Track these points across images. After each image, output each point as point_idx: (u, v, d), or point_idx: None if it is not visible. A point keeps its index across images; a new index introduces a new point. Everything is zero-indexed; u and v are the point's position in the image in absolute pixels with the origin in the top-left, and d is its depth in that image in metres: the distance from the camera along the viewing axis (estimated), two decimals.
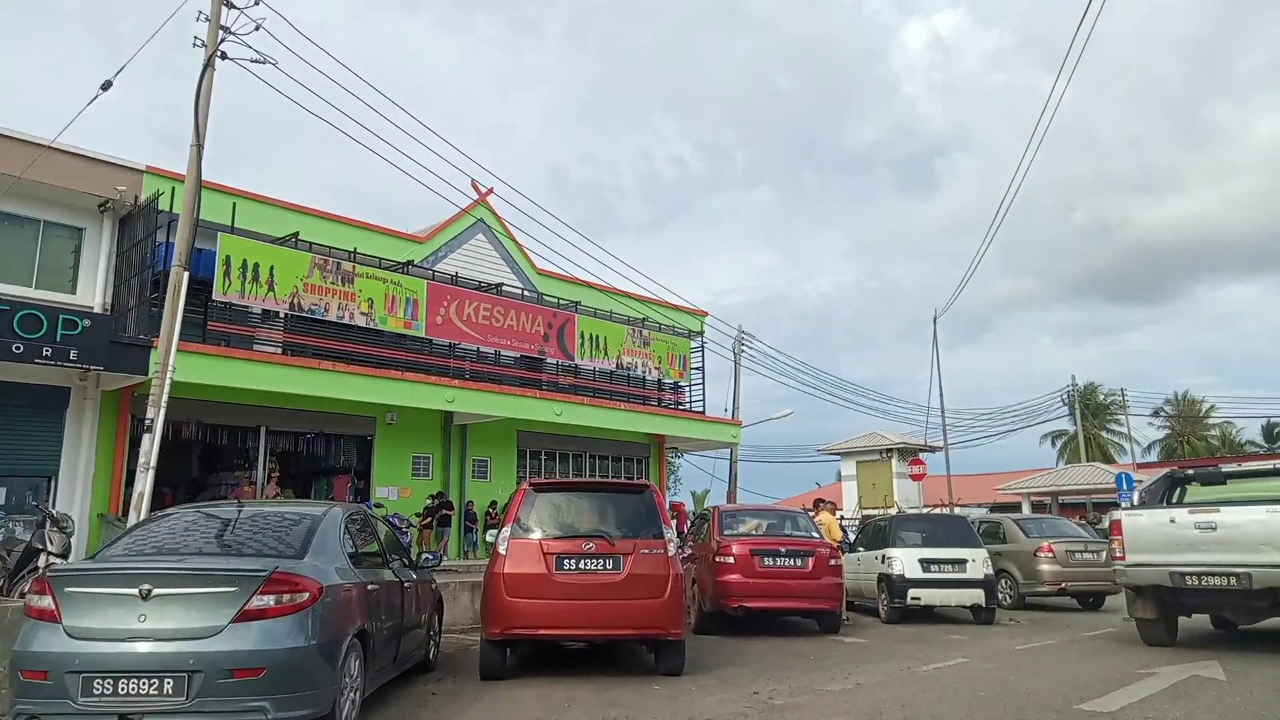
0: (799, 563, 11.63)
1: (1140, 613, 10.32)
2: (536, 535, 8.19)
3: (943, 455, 33.40)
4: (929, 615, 14.27)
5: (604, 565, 8.06)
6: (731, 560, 11.51)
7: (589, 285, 23.13)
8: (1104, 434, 58.66)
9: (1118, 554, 10.17)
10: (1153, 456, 57.75)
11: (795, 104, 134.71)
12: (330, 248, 18.08)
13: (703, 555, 12.26)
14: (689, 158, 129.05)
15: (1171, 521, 9.63)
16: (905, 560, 13.42)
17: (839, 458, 38.80)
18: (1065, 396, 58.53)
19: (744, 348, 30.27)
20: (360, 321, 18.07)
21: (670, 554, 8.24)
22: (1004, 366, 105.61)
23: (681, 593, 8.22)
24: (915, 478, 30.23)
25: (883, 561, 13.73)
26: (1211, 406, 61.07)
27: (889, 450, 36.53)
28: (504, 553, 8.09)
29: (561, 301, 22.43)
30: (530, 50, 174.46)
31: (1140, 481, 34.60)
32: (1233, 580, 9.12)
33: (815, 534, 12.45)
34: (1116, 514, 10.49)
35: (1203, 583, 9.36)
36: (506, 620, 7.90)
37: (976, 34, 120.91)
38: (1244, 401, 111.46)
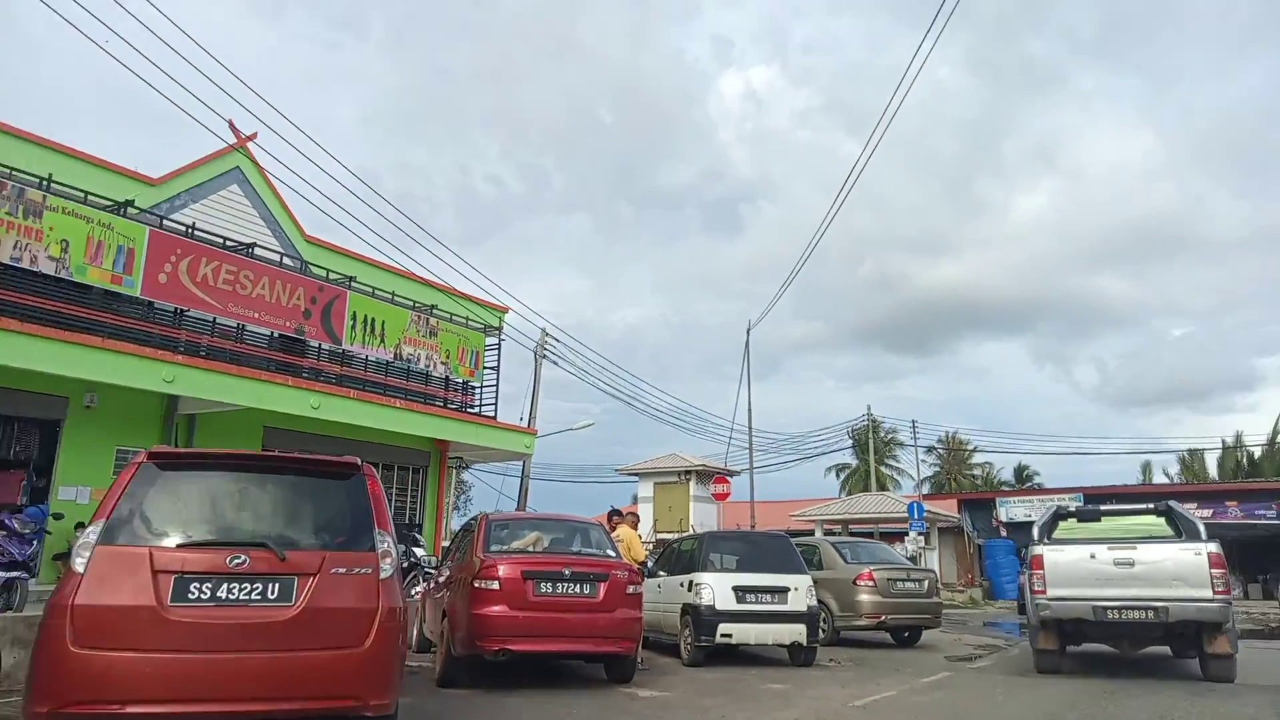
0: (587, 590, 8.49)
1: (1043, 644, 10.33)
2: (144, 541, 4.76)
3: (745, 478, 31.62)
4: (738, 656, 11.64)
5: (263, 593, 4.75)
6: (496, 586, 8.22)
7: (369, 262, 19.41)
8: (883, 468, 60.18)
9: (1038, 588, 10.08)
10: (926, 489, 59.67)
11: (616, 136, 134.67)
12: (12, 169, 13.57)
13: (460, 579, 8.92)
14: (507, 178, 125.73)
15: (1092, 557, 9.81)
16: (717, 588, 10.71)
17: (637, 479, 36.36)
18: (851, 431, 59.51)
19: (546, 350, 27.22)
20: (47, 268, 13.62)
21: (383, 576, 5.05)
22: (792, 404, 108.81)
23: (394, 638, 5.01)
24: (719, 497, 28.08)
25: (689, 589, 10.96)
26: (975, 448, 64.13)
27: (688, 472, 34.47)
28: (80, 571, 4.59)
29: (332, 275, 18.54)
30: (349, 50, 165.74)
31: (930, 511, 34.34)
32: (1150, 614, 9.45)
33: (611, 553, 9.44)
34: (1037, 549, 10.35)
35: (1123, 615, 9.57)
36: (62, 691, 4.37)
37: (787, 91, 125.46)
38: (999, 445, 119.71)
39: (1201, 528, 10.50)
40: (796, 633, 10.76)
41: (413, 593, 12.41)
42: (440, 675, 8.58)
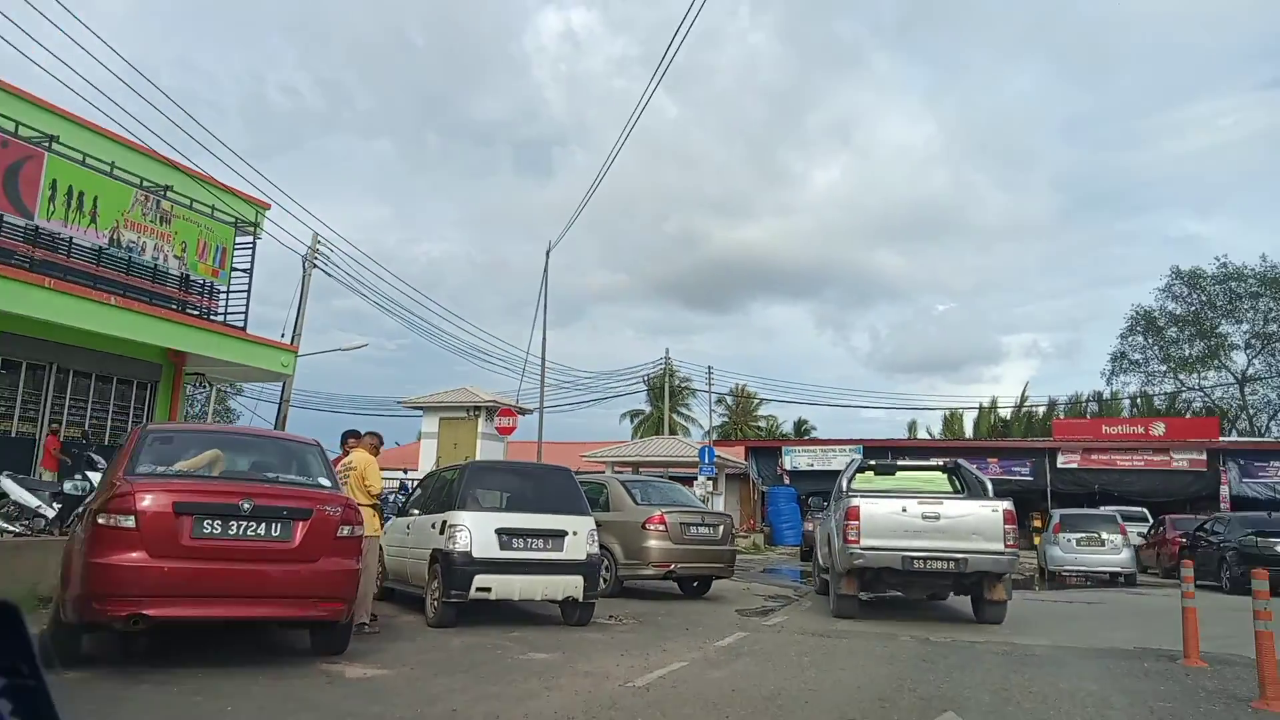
0: (277, 531, 5.91)
1: (845, 590, 10.48)
2: None
3: (536, 418, 29.42)
4: (499, 613, 9.44)
5: None
6: (131, 523, 5.47)
7: (82, 123, 15.28)
8: (676, 416, 60.22)
9: (852, 537, 10.10)
10: (715, 438, 60.39)
11: (426, 61, 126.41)
12: None
13: (87, 515, 6.02)
14: (305, 91, 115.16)
15: (903, 511, 10.05)
16: (475, 530, 8.39)
17: (421, 413, 33.31)
18: (647, 379, 58.90)
19: (318, 259, 23.58)
20: None
21: None
22: (592, 351, 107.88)
23: None
24: (502, 430, 25.70)
25: (441, 531, 8.57)
26: (761, 400, 65.59)
27: (478, 408, 31.85)
28: None
29: (24, 129, 14.33)
30: None
31: (720, 456, 33.69)
32: (952, 564, 9.87)
33: (325, 482, 6.79)
34: (855, 501, 10.36)
35: (928, 565, 9.92)
36: None
37: (606, 37, 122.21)
38: (783, 398, 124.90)
39: (989, 485, 11.65)
40: (572, 586, 8.67)
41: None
42: (45, 656, 5.77)
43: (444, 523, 8.54)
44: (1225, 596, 16.38)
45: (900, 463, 13.19)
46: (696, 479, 28.56)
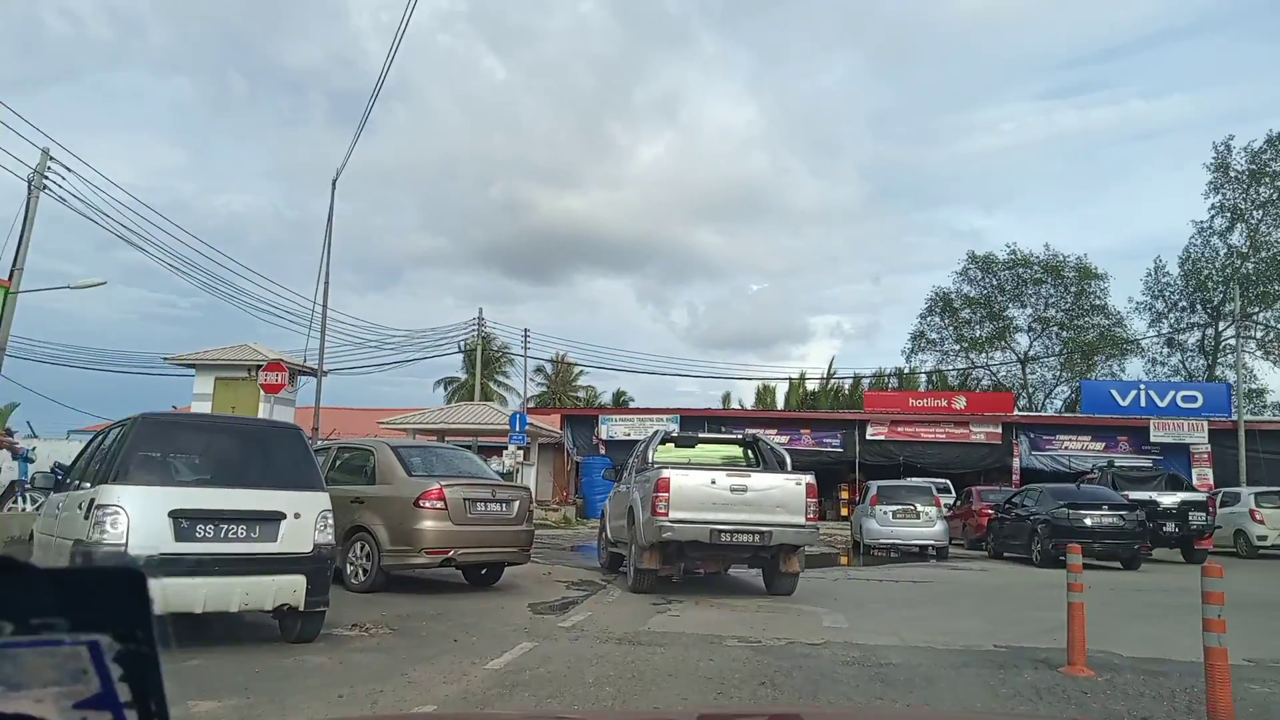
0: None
1: (647, 564, 10.07)
2: None
3: (323, 381, 26.00)
4: (193, 626, 6.72)
5: None
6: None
7: None
8: (492, 384, 57.57)
9: (661, 509, 9.73)
10: (532, 406, 58.20)
11: None
12: None
13: None
14: (87, 17, 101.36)
15: (713, 483, 9.82)
16: (137, 513, 5.63)
17: (194, 371, 28.87)
18: (462, 344, 55.78)
19: (48, 182, 19.19)
20: None
21: None
22: (410, 316, 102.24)
23: None
24: (268, 389, 22.04)
25: (86, 515, 5.76)
26: (581, 370, 64.04)
27: (260, 367, 27.91)
28: None
29: None
30: None
31: (533, 424, 31.41)
32: (756, 537, 9.79)
33: None
34: (666, 472, 9.96)
35: (734, 539, 9.76)
36: None
37: None
38: (603, 368, 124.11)
39: (787, 458, 11.53)
40: (288, 590, 6.07)
41: None
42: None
43: (91, 502, 5.73)
44: (1036, 570, 15.88)
45: (701, 435, 12.97)
46: (506, 448, 26.19)
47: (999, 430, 31.56)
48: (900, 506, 18.79)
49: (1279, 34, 72.37)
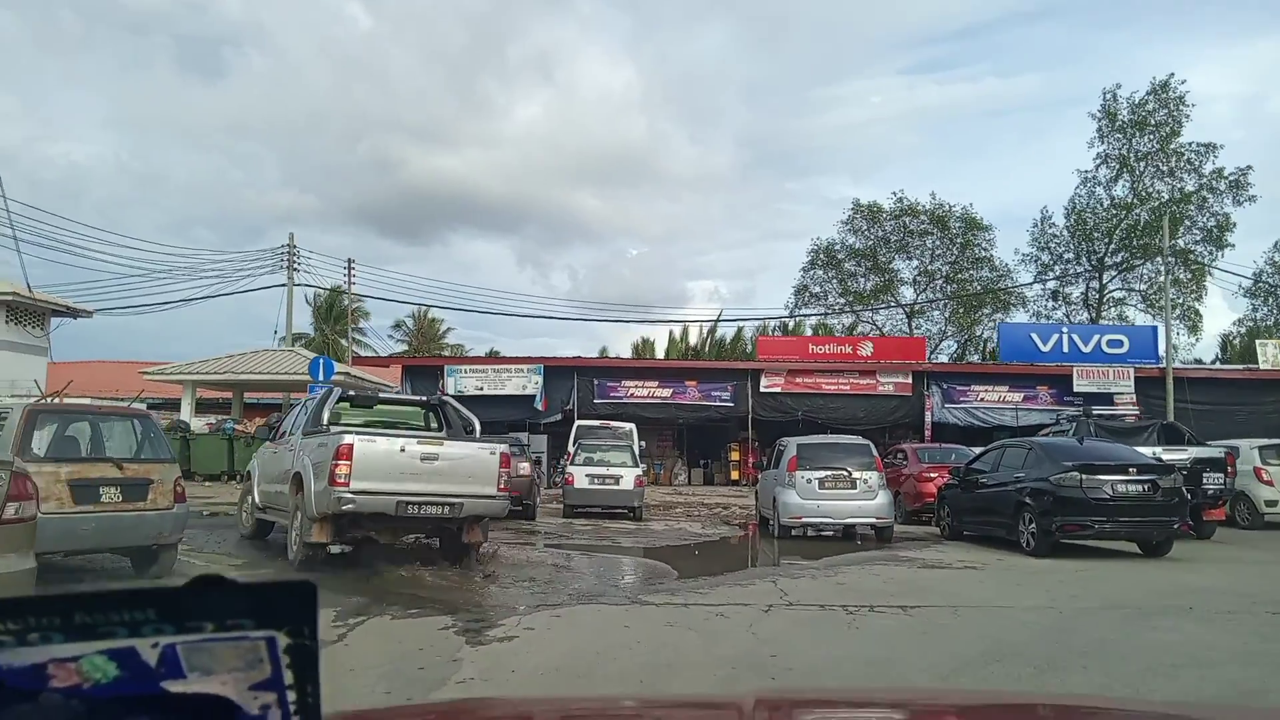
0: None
1: (317, 537, 8.79)
2: None
3: (91, 327, 18.67)
4: None
5: None
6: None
7: None
8: (343, 341, 50.05)
9: (341, 479, 8.49)
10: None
11: None
12: None
13: None
14: None
15: (402, 451, 8.97)
16: None
17: None
18: (313, 298, 48.20)
19: None
20: None
21: None
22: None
23: None
24: None
25: None
26: (450, 329, 57.57)
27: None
28: None
29: None
30: None
31: (349, 374, 24.66)
32: (447, 509, 9.08)
33: None
34: (348, 438, 8.81)
35: (422, 510, 8.99)
36: None
37: None
38: (475, 328, 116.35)
39: (475, 422, 10.64)
40: None
41: None
42: None
43: None
44: (1031, 560, 10.70)
45: (382, 395, 12.59)
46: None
47: (909, 380, 26.91)
48: (829, 472, 13.33)
49: (1118, 21, 72.28)
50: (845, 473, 13.32)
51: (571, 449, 18.86)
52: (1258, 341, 29.34)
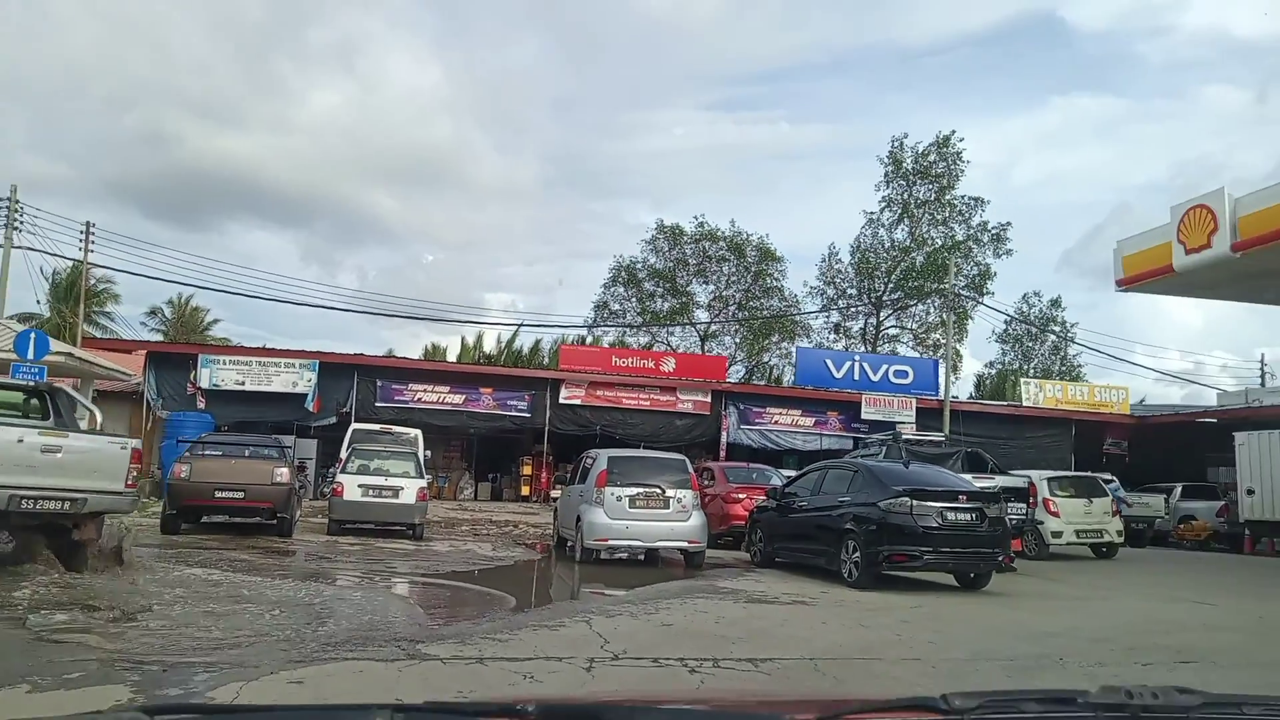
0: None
1: None
2: None
3: None
4: None
5: None
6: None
7: None
8: (87, 326, 43.14)
9: None
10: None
11: None
12: None
13: None
14: None
15: (20, 441, 8.05)
16: None
17: None
18: (53, 274, 41.23)
19: None
20: None
21: None
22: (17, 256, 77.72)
23: None
24: None
25: None
26: (216, 320, 51.42)
27: None
28: None
29: None
30: None
31: (77, 356, 20.39)
32: (68, 504, 8.32)
33: None
34: None
35: (38, 506, 8.12)
36: None
37: None
38: (247, 324, 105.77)
39: (97, 412, 10.85)
40: None
41: None
42: None
43: None
44: (858, 594, 9.73)
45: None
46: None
47: (708, 399, 26.27)
48: (641, 489, 11.87)
49: (903, 83, 78.72)
50: (659, 491, 11.92)
51: (344, 454, 16.23)
52: (1022, 380, 31.58)
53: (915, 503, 9.95)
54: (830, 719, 1.15)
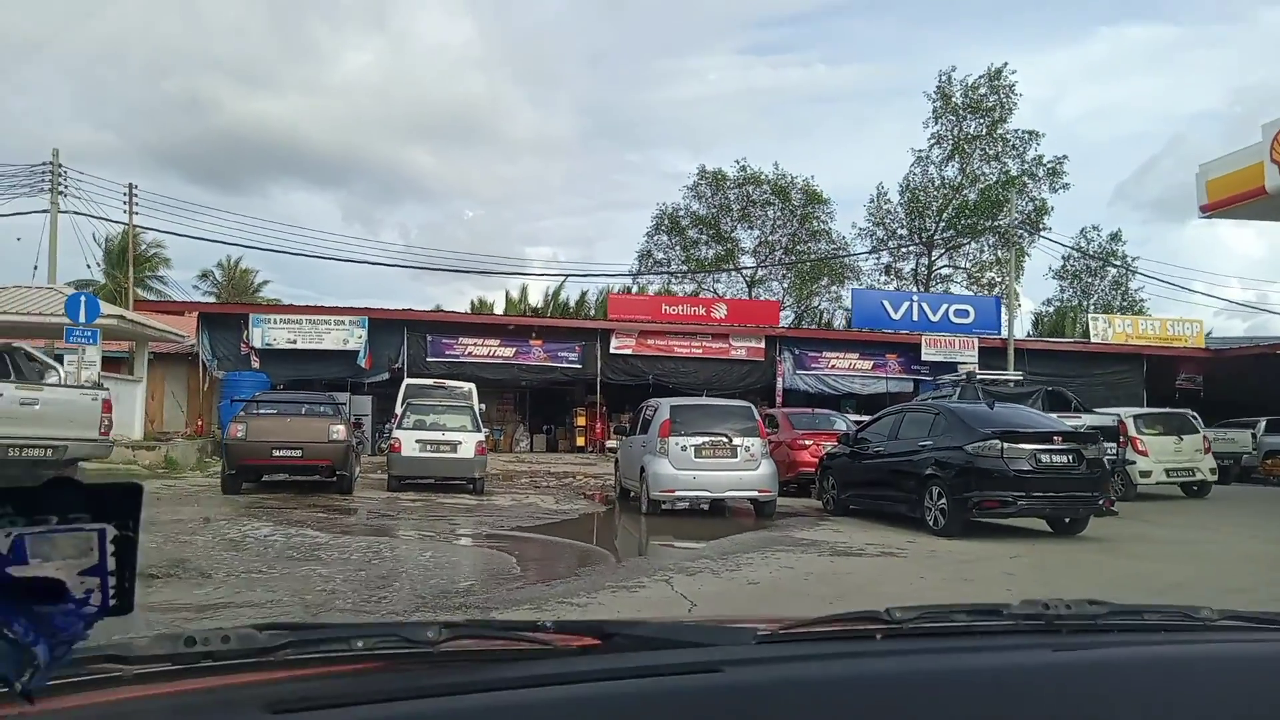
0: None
1: None
2: None
3: None
4: None
5: None
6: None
7: None
8: (141, 291, 43.62)
9: None
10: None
11: None
12: None
13: None
14: None
15: (0, 395, 8.68)
16: None
17: None
18: (106, 239, 41.54)
19: None
20: None
21: None
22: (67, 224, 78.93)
23: None
24: None
25: None
26: (266, 282, 51.56)
27: None
28: None
29: None
30: None
31: (129, 319, 20.33)
32: (50, 451, 9.14)
33: None
34: None
35: (23, 454, 8.99)
36: None
37: None
38: (296, 285, 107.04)
39: (59, 369, 11.59)
40: None
41: None
42: None
43: None
44: (947, 542, 9.07)
45: None
46: (62, 357, 15.24)
47: (762, 345, 25.51)
48: (707, 438, 11.28)
49: (941, 19, 75.10)
50: (725, 439, 11.32)
51: (399, 410, 15.89)
52: (1090, 316, 30.17)
53: (1006, 445, 9.21)
54: (790, 628, 1.27)
